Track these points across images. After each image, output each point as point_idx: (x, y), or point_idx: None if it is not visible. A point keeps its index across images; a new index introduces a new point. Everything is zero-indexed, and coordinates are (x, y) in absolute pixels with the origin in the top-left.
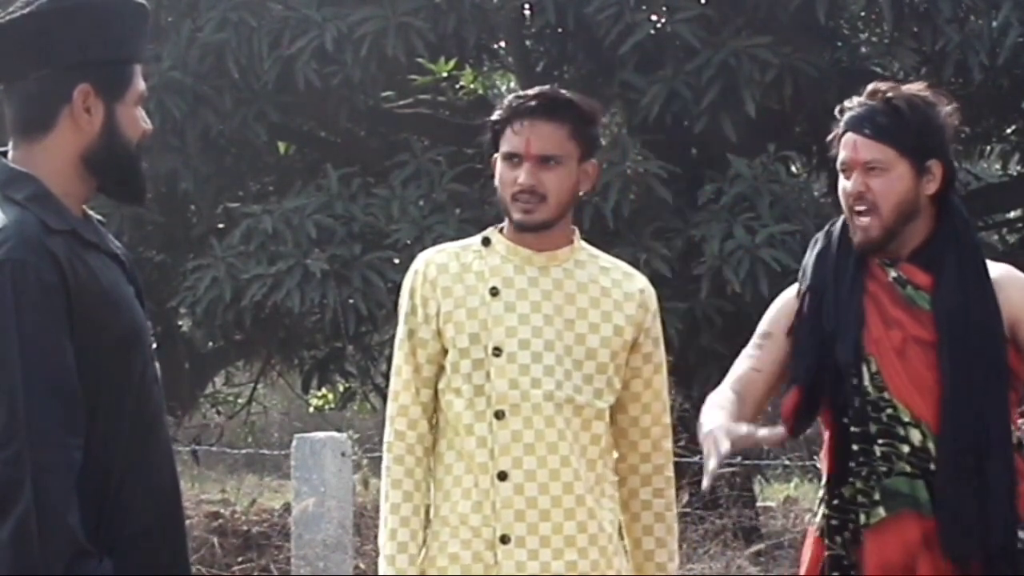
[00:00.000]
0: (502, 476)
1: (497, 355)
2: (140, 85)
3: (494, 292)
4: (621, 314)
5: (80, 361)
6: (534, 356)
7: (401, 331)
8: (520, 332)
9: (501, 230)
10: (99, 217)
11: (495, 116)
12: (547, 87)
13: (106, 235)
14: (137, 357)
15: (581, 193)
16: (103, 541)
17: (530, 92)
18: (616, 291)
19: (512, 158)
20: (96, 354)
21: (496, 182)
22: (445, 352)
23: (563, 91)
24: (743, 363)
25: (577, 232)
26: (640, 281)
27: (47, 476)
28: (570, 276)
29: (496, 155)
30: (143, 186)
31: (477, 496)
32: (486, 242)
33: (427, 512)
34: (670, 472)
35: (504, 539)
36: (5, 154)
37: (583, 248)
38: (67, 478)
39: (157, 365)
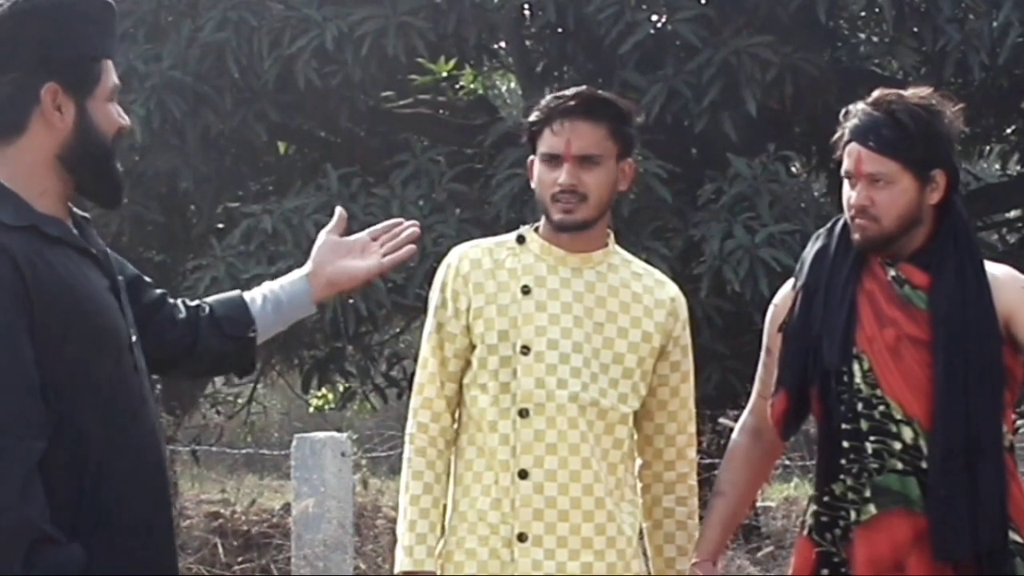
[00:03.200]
0: (523, 474)
1: (525, 353)
2: (111, 80)
3: (526, 290)
4: (651, 321)
5: (43, 354)
6: (562, 357)
7: (430, 324)
8: (549, 332)
9: (536, 229)
10: (83, 214)
11: (532, 117)
12: (584, 87)
13: (76, 229)
14: (108, 349)
15: (624, 190)
16: (83, 530)
17: (568, 93)
18: (647, 297)
19: (551, 159)
20: (59, 346)
21: (534, 183)
22: (473, 347)
23: (600, 91)
24: (755, 388)
25: (612, 235)
26: (671, 289)
27: (1, 468)
28: (602, 279)
29: (533, 157)
30: (119, 183)
31: (497, 493)
32: (520, 240)
33: (445, 506)
34: (693, 481)
35: (521, 537)
36: None
37: (617, 252)
38: (22, 468)
39: (138, 355)
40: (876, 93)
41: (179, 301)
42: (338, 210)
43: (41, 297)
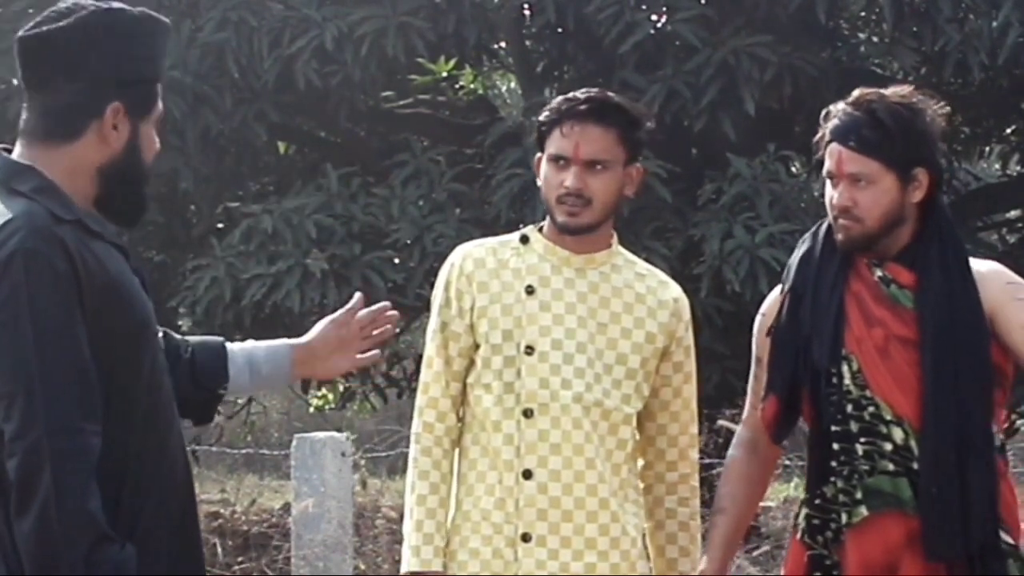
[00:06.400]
0: (527, 474)
1: (529, 353)
2: (160, 106)
3: (530, 290)
4: (654, 321)
5: (92, 349)
6: (566, 357)
7: (434, 323)
8: (553, 332)
9: (540, 229)
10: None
11: (542, 117)
12: (596, 91)
13: (108, 225)
14: (147, 346)
15: (629, 195)
16: (122, 528)
17: (579, 95)
18: (651, 298)
19: (559, 160)
20: (107, 342)
21: (540, 182)
22: (477, 347)
23: (611, 94)
24: (748, 400)
25: (616, 236)
26: (675, 290)
27: (66, 463)
28: (606, 279)
29: (540, 155)
30: (143, 206)
31: (500, 493)
32: (524, 240)
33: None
34: (695, 482)
35: (525, 537)
36: (8, 151)
37: (620, 252)
38: (86, 464)
39: (163, 357)
40: (856, 92)
41: (164, 331)
42: (357, 295)
43: (92, 291)
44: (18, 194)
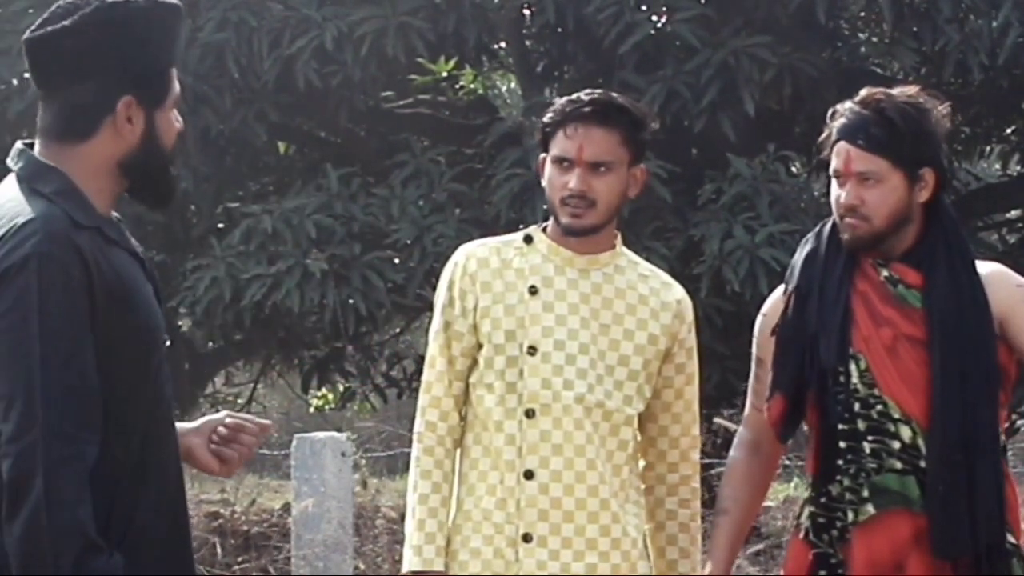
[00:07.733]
0: (528, 475)
1: (532, 354)
2: (176, 88)
3: (533, 291)
4: (657, 323)
5: (99, 357)
6: (568, 358)
7: (437, 323)
8: (556, 332)
9: (544, 229)
10: (116, 215)
11: (546, 118)
12: (599, 92)
13: (125, 232)
14: (154, 355)
15: (633, 197)
16: (113, 536)
17: (583, 96)
18: (653, 299)
19: (563, 162)
20: (115, 350)
21: (544, 184)
22: (479, 347)
23: (615, 95)
24: (748, 400)
25: (620, 237)
26: (678, 292)
27: (59, 470)
28: (609, 280)
29: (544, 156)
30: (172, 188)
31: (502, 493)
32: (528, 240)
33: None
34: (696, 483)
35: (526, 537)
36: (31, 146)
37: (624, 253)
38: (79, 472)
39: (167, 366)
40: (864, 92)
41: None
42: (269, 423)
43: (104, 299)
44: (40, 195)
